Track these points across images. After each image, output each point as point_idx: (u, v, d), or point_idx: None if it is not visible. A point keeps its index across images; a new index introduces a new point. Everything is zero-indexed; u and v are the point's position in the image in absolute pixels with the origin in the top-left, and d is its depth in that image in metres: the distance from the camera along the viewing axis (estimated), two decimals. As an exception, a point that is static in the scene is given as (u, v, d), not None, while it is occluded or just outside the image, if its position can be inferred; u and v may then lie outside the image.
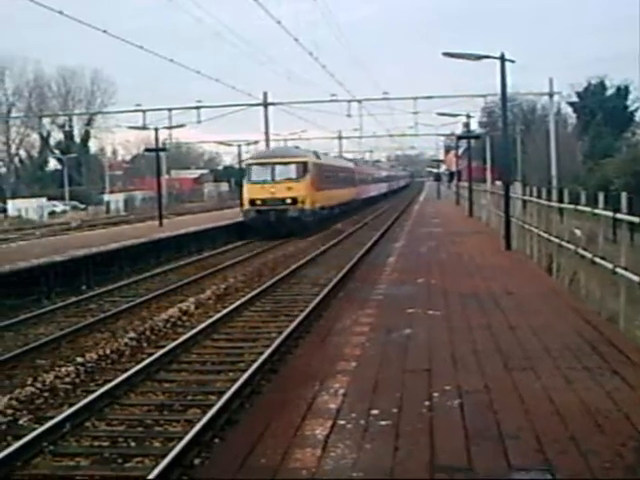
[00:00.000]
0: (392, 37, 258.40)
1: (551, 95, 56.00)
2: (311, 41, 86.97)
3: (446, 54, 24.75)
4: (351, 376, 9.90)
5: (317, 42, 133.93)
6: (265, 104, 56.02)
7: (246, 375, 12.40)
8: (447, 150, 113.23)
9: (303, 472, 6.61)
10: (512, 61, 24.39)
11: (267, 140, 53.26)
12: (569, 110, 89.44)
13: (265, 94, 56.38)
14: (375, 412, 8.28)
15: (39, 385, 12.63)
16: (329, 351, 11.64)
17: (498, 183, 33.10)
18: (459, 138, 59.09)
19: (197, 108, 56.03)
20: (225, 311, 18.66)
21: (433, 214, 50.04)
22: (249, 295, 20.95)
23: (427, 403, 8.56)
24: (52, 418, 10.74)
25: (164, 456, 8.97)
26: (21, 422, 11.05)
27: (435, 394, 8.89)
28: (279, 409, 8.74)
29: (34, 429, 10.35)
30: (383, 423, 7.93)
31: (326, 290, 20.75)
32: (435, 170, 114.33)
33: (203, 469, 8.24)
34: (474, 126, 72.43)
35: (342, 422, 8.01)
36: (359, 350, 11.42)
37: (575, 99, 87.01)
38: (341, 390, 9.24)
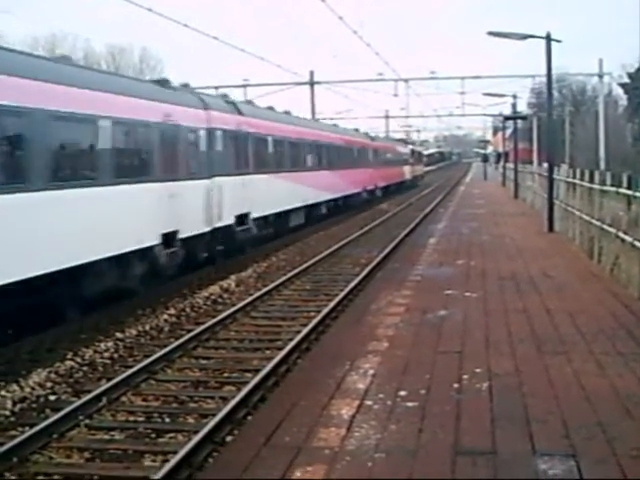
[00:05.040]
0: (440, 15, 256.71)
1: (601, 76, 55.07)
2: (356, 19, 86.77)
3: (491, 33, 24.48)
4: (382, 357, 9.94)
5: (362, 20, 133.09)
6: (311, 83, 55.91)
7: (282, 353, 12.47)
8: (495, 131, 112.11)
9: (326, 451, 6.66)
10: (558, 41, 24.10)
11: (313, 119, 53.01)
12: (620, 91, 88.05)
13: (311, 73, 56.29)
14: (403, 393, 8.31)
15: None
16: (362, 331, 11.67)
17: (545, 165, 32.82)
18: (506, 119, 58.42)
19: (243, 87, 56.02)
20: (265, 289, 18.77)
21: (478, 195, 49.84)
22: (290, 274, 21.04)
23: (456, 385, 8.57)
24: (89, 392, 10.93)
25: (197, 432, 9.07)
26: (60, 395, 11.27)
27: (465, 376, 8.89)
28: (308, 388, 8.78)
29: (71, 402, 10.56)
30: (410, 404, 7.95)
31: (367, 270, 20.78)
32: (482, 151, 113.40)
33: (230, 445, 8.31)
34: (523, 107, 71.71)
35: (369, 402, 8.05)
36: (392, 331, 11.45)
37: (626, 80, 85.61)
38: (371, 370, 9.28)
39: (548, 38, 23.86)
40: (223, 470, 6.68)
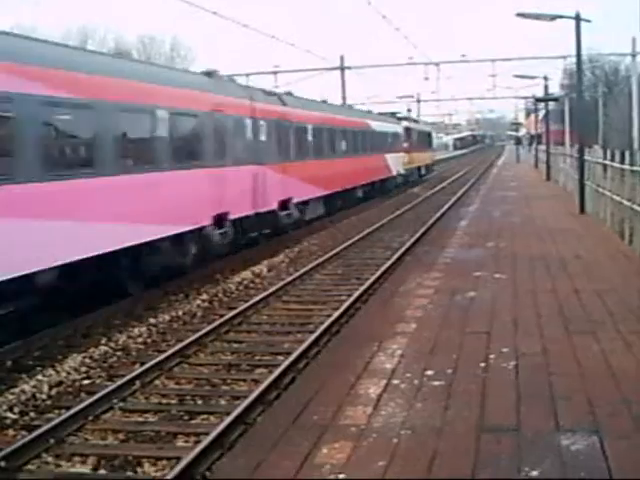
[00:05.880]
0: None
1: (634, 55, 54.52)
2: (384, 3, 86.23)
3: (520, 15, 24.35)
4: (410, 337, 10.02)
5: (390, 4, 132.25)
6: (342, 68, 55.89)
7: (313, 336, 12.58)
8: (528, 113, 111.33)
9: (352, 429, 6.78)
10: (588, 21, 23.98)
11: (344, 104, 52.98)
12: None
13: (342, 58, 56.28)
14: (430, 373, 8.40)
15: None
16: (391, 313, 11.77)
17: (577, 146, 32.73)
18: (537, 100, 58.06)
19: (274, 73, 56.17)
20: (297, 274, 18.90)
21: (510, 178, 49.63)
22: (321, 259, 21.15)
23: (482, 365, 8.64)
24: (123, 376, 11.13)
25: (229, 414, 9.23)
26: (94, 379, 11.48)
27: (491, 356, 8.96)
28: (336, 368, 8.89)
29: (106, 386, 10.77)
30: (436, 383, 8.04)
31: (398, 254, 20.85)
32: (515, 133, 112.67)
33: (258, 425, 8.44)
34: (555, 88, 71.11)
35: (396, 382, 8.15)
36: (420, 312, 11.53)
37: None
38: (398, 351, 9.37)
39: (577, 18, 23.70)
40: (251, 448, 6.80)
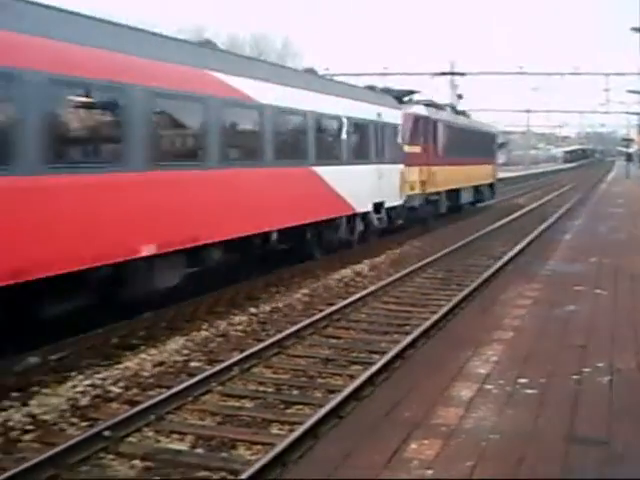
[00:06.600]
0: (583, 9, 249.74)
1: None
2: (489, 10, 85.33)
3: (635, 29, 23.89)
4: (506, 345, 10.12)
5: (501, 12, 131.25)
6: (452, 73, 55.70)
7: (410, 338, 12.69)
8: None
9: (442, 428, 6.96)
10: None
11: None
12: None
13: (452, 63, 56.25)
14: (523, 381, 8.50)
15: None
16: (489, 320, 11.87)
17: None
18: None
19: (383, 75, 56.17)
20: (397, 275, 19.05)
21: (618, 194, 48.64)
22: (423, 262, 21.23)
23: (576, 377, 8.68)
24: (223, 361, 11.49)
25: (323, 406, 9.46)
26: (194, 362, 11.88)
27: (586, 369, 8.99)
28: (430, 370, 9.08)
29: (205, 369, 11.15)
30: (529, 391, 8.14)
31: (500, 263, 20.75)
32: (625, 149, 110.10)
33: (349, 417, 8.64)
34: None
35: (489, 387, 8.28)
36: (518, 322, 11.59)
37: None
38: (493, 357, 9.48)
39: (698, 35, 23.19)
40: (343, 439, 7.04)
